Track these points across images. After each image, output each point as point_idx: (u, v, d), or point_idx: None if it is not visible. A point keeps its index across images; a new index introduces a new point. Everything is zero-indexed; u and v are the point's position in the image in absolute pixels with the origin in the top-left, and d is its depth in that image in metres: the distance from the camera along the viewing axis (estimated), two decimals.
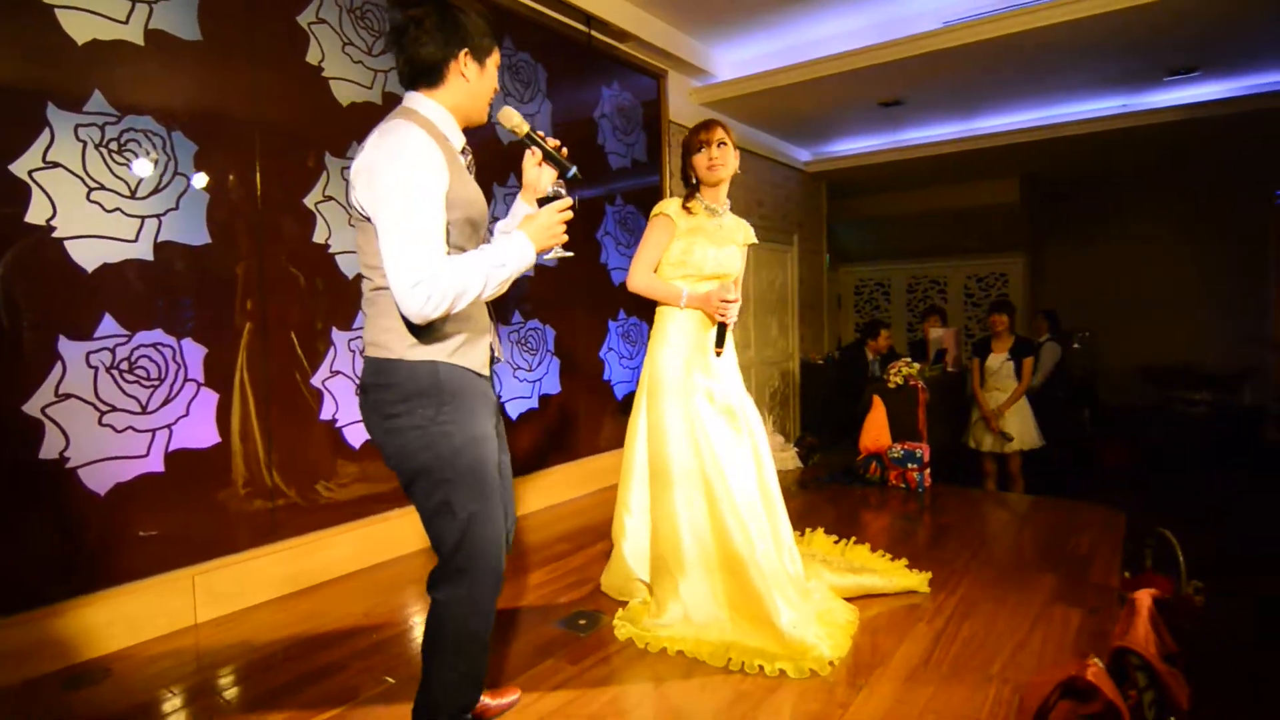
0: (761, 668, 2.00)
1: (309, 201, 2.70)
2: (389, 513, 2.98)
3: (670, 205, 2.32)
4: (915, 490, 3.93)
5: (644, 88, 4.46)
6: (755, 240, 2.53)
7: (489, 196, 3.40)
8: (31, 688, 2.01)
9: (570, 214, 1.58)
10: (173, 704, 1.92)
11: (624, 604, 2.45)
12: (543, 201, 1.59)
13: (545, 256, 1.57)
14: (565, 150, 1.65)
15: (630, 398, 4.35)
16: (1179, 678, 1.45)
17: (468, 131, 1.59)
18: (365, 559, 2.88)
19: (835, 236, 8.24)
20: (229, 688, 2.00)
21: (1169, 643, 1.53)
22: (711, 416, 2.24)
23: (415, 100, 1.51)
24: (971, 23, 3.91)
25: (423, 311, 1.36)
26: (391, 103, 2.97)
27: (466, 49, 1.49)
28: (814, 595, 2.28)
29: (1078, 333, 7.65)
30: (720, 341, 2.21)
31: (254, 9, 2.55)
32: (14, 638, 2.03)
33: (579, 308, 4.01)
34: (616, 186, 4.25)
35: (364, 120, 2.86)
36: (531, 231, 1.52)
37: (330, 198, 2.76)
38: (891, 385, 4.28)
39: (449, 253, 1.44)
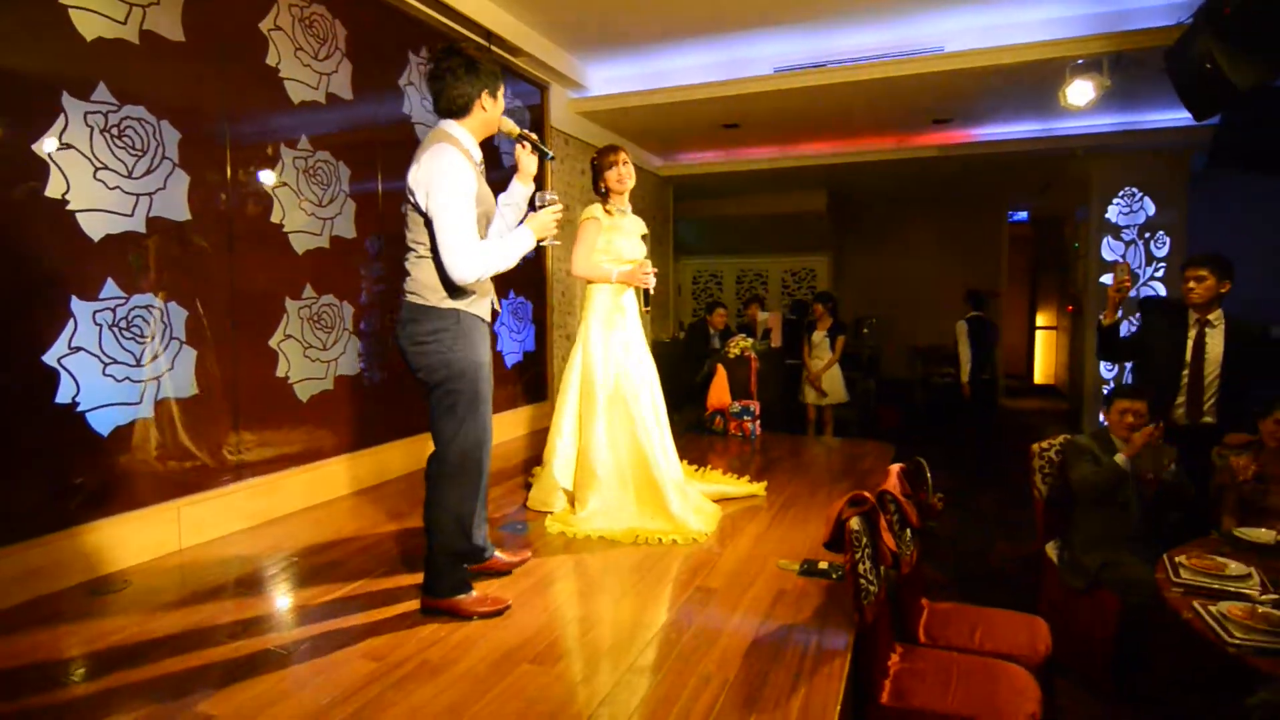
0: (660, 539, 2.84)
1: (268, 186, 3.11)
2: (328, 460, 3.45)
3: (596, 210, 3.08)
4: (750, 437, 4.99)
5: (531, 95, 5.11)
6: (646, 231, 3.37)
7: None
8: (61, 597, 2.33)
9: (561, 215, 2.31)
10: (207, 598, 2.36)
11: (546, 514, 3.18)
12: (537, 206, 2.32)
13: (541, 243, 2.31)
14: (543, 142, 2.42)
15: (518, 366, 5.03)
16: (912, 506, 2.47)
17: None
18: (314, 497, 3.34)
19: (677, 233, 9.32)
20: (253, 583, 2.47)
21: (908, 490, 2.56)
22: (624, 359, 3.07)
23: (449, 126, 2.18)
24: (796, 72, 5.01)
25: (465, 278, 2.06)
26: (335, 102, 3.42)
27: (486, 89, 2.17)
28: (690, 493, 3.16)
29: (867, 318, 9.35)
30: (647, 301, 3.10)
31: (224, 15, 2.91)
32: (39, 557, 2.33)
33: None
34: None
35: (312, 116, 3.30)
36: (534, 226, 2.25)
37: (285, 184, 3.17)
38: (731, 356, 5.33)
39: None
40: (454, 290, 2.13)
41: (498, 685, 1.80)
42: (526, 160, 2.42)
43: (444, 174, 2.03)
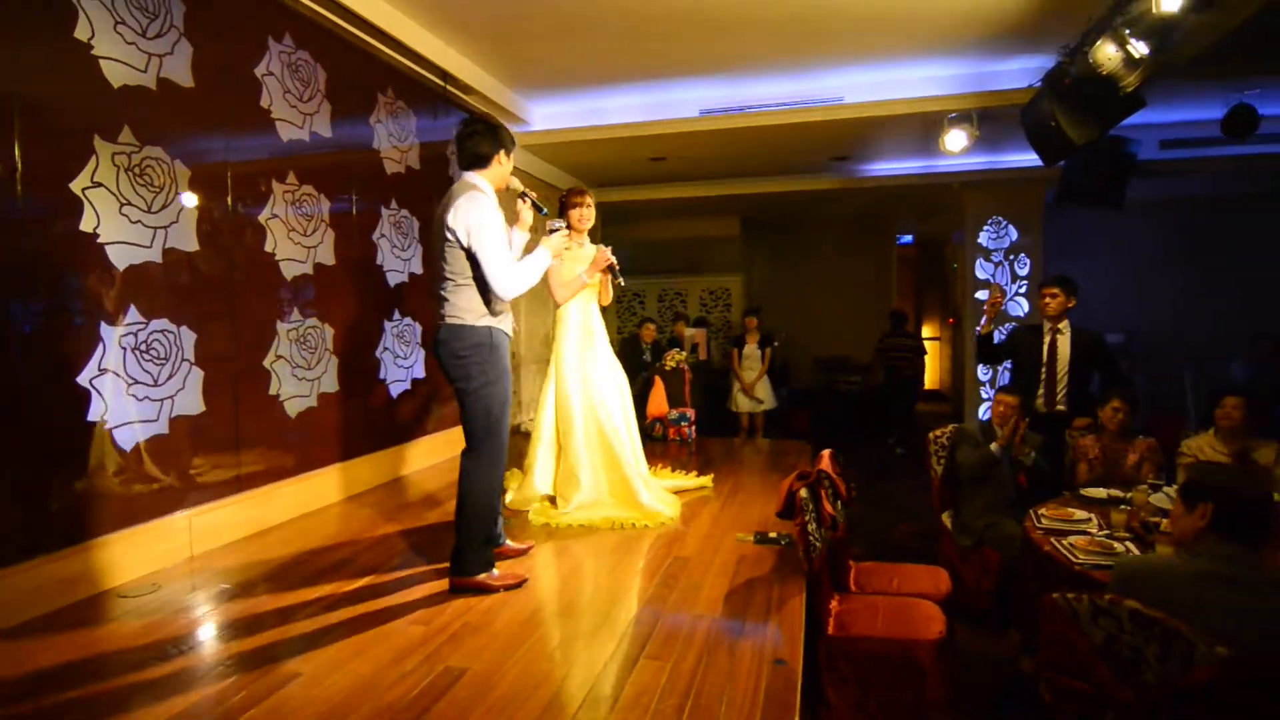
0: (634, 524, 3.30)
1: (262, 218, 3.37)
2: (315, 471, 3.70)
3: (562, 245, 3.52)
4: (687, 440, 5.53)
5: None
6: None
7: (379, 216, 4.25)
8: (94, 601, 2.52)
9: (568, 237, 2.90)
10: (240, 594, 2.61)
11: (526, 512, 3.57)
12: (549, 231, 2.88)
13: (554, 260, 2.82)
14: (538, 197, 2.95)
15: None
16: (842, 482, 3.05)
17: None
18: (305, 506, 3.58)
19: None
20: (277, 579, 2.73)
21: (837, 470, 3.14)
22: (594, 373, 3.52)
23: (473, 176, 2.64)
24: (718, 116, 5.65)
25: (508, 295, 2.54)
26: (317, 140, 3.71)
27: (503, 149, 2.65)
28: (654, 486, 3.64)
29: (777, 332, 10.15)
30: (618, 274, 3.51)
31: (225, 62, 3.18)
32: (70, 566, 2.52)
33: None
34: None
35: (299, 152, 3.57)
36: (549, 247, 2.78)
37: (275, 215, 3.44)
38: (667, 368, 5.87)
39: None
40: (489, 311, 2.58)
41: (535, 633, 2.21)
42: (525, 214, 2.93)
43: (482, 213, 2.52)
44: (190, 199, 2.99)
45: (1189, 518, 1.87)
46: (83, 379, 2.56)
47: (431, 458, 4.74)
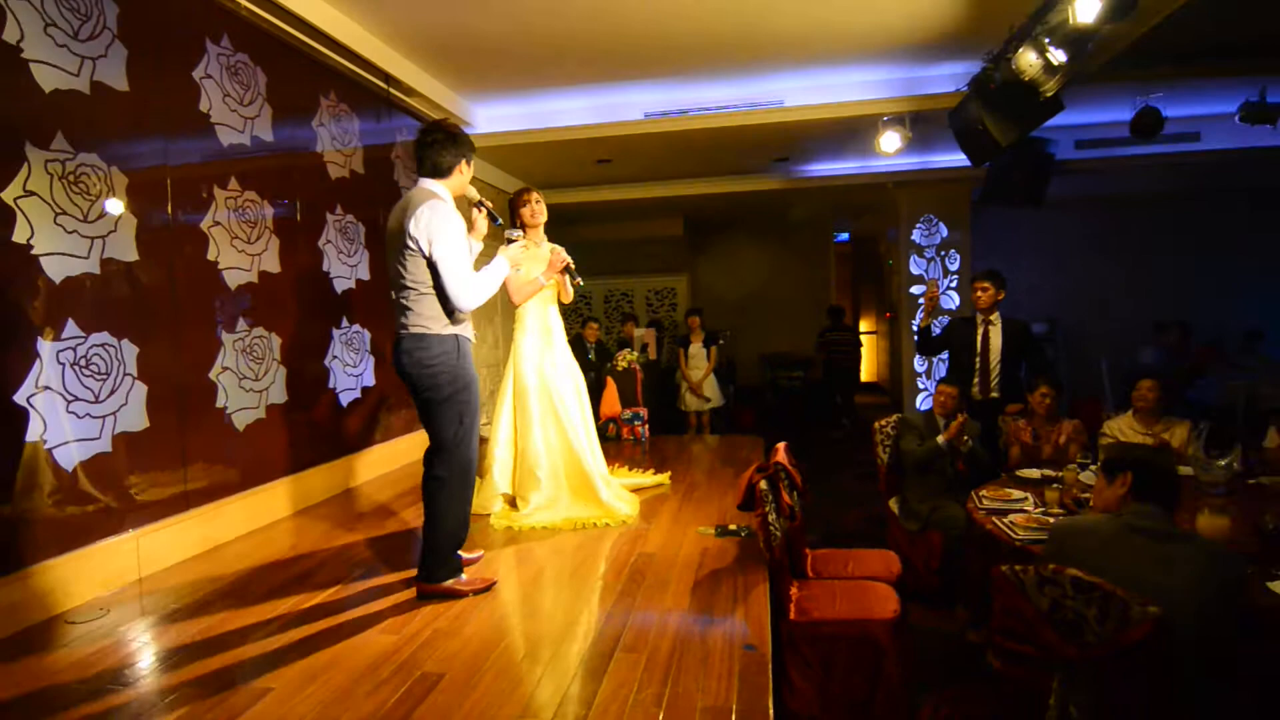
0: (595, 524, 3.35)
1: (204, 226, 3.26)
2: (265, 485, 3.60)
3: (521, 255, 3.53)
4: (641, 440, 5.60)
5: None
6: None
7: (324, 221, 4.16)
8: (42, 629, 2.42)
9: (525, 248, 2.88)
10: (199, 612, 2.54)
11: (486, 515, 3.57)
12: (507, 240, 2.87)
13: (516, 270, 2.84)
14: (494, 207, 2.93)
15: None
16: (797, 473, 3.17)
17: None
18: (256, 521, 3.48)
19: None
20: (236, 596, 2.66)
21: (791, 461, 3.26)
22: (553, 373, 3.55)
23: (432, 185, 2.60)
24: (662, 119, 5.74)
25: (468, 306, 2.51)
26: (258, 144, 3.61)
27: (464, 159, 2.63)
28: (612, 484, 3.69)
29: (722, 330, 10.34)
30: (575, 275, 3.54)
31: (163, 65, 3.07)
32: (12, 593, 2.40)
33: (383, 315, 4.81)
34: None
35: (240, 158, 3.48)
36: (508, 256, 2.77)
37: (218, 223, 3.34)
38: (619, 368, 5.92)
39: None
40: (453, 318, 2.56)
41: (508, 635, 2.23)
42: (481, 223, 2.91)
43: (445, 222, 2.49)
44: (128, 207, 2.88)
45: (1111, 488, 2.06)
46: (19, 397, 2.45)
47: (384, 466, 4.67)
